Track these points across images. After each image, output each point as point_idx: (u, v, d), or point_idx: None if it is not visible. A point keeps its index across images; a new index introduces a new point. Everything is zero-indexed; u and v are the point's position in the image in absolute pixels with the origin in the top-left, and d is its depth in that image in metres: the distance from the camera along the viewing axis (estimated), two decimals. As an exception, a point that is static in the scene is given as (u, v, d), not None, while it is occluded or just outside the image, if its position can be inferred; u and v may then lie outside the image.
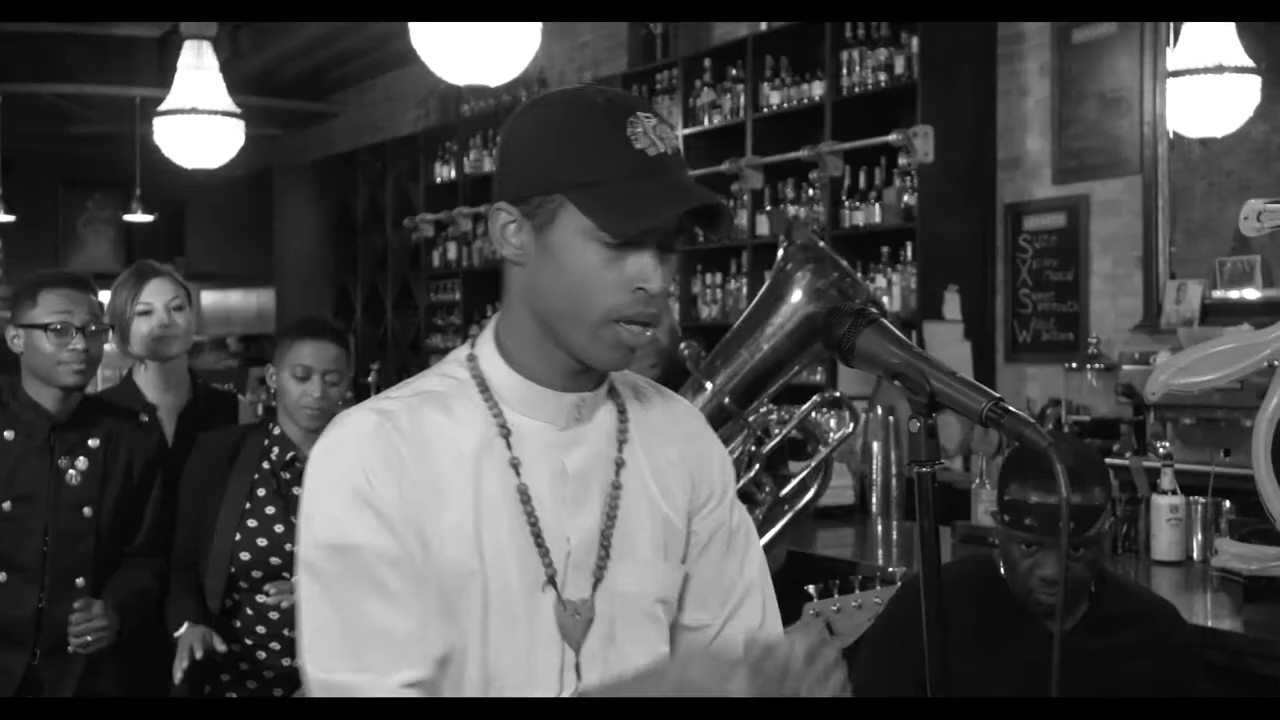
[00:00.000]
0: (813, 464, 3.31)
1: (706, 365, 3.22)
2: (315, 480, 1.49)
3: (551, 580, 1.51)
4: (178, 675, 2.89)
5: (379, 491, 1.45)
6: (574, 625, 1.52)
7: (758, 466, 3.19)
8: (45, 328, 3.01)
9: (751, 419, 3.19)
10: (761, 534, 3.25)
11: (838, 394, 3.43)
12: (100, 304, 3.14)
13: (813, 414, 3.37)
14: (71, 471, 3.06)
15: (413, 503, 1.46)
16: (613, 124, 1.44)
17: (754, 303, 3.26)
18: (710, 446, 1.69)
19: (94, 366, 3.07)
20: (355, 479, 1.46)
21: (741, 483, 3.20)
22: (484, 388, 1.54)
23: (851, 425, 3.47)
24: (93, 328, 3.06)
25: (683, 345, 3.26)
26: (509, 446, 1.51)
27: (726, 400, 3.16)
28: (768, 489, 3.20)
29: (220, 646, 2.91)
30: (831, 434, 3.42)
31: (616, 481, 1.57)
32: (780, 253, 3.22)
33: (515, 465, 1.51)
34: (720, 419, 3.22)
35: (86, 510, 3.06)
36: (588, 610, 1.53)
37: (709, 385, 3.19)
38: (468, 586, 1.47)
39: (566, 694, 1.50)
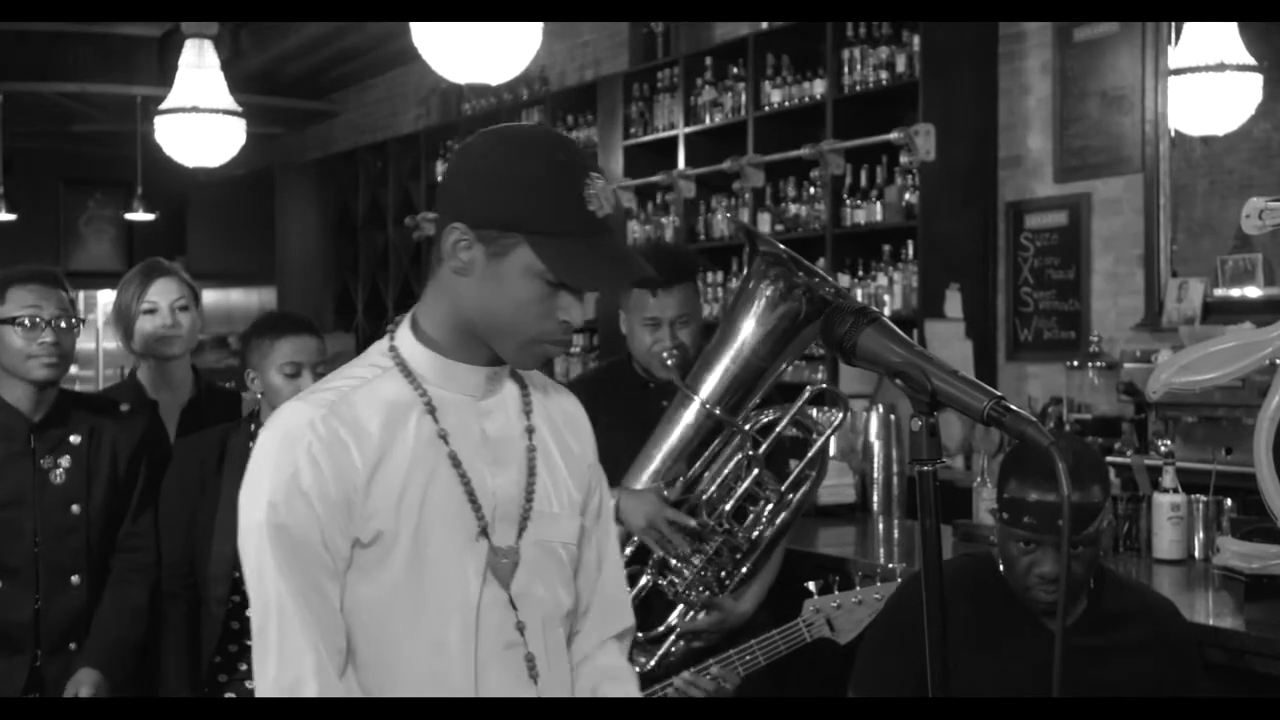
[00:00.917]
0: (809, 455, 3.32)
1: (692, 378, 3.23)
2: (260, 467, 1.70)
3: (484, 531, 1.75)
4: None
5: (317, 481, 1.66)
6: (503, 568, 1.76)
7: (757, 470, 3.21)
8: (14, 322, 2.99)
9: (746, 426, 3.21)
10: (770, 533, 3.26)
11: (823, 386, 3.45)
12: (71, 299, 3.11)
13: (808, 410, 3.38)
14: (56, 471, 3.04)
15: (353, 483, 1.68)
16: (571, 181, 1.69)
17: (728, 312, 3.29)
18: (586, 428, 1.94)
19: (66, 361, 3.05)
20: (297, 469, 1.66)
21: (744, 486, 3.21)
22: (407, 371, 1.76)
23: (840, 415, 3.48)
24: (63, 322, 3.04)
25: (665, 358, 3.27)
26: (435, 420, 1.74)
27: (717, 411, 3.18)
28: (770, 489, 3.21)
29: None
30: (826, 425, 3.43)
31: (530, 445, 1.82)
32: (748, 264, 3.25)
33: (444, 436, 1.74)
34: (714, 430, 3.24)
35: (75, 507, 3.04)
36: (514, 555, 1.77)
37: (696, 398, 3.20)
38: (401, 543, 1.69)
39: (501, 625, 1.74)
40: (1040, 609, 2.56)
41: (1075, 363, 5.67)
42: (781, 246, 3.20)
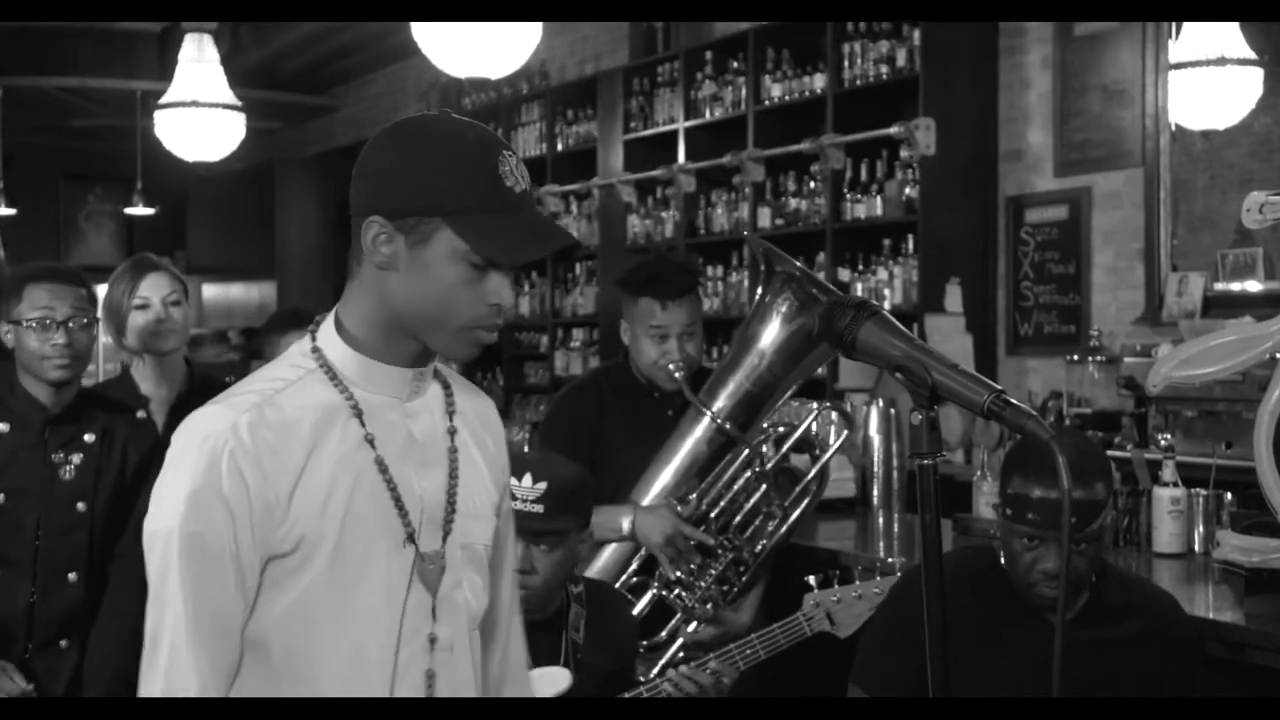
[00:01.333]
0: (812, 472, 3.35)
1: (705, 393, 3.25)
2: (174, 474, 1.63)
3: (410, 537, 1.70)
4: None
5: (236, 490, 1.61)
6: (431, 573, 1.72)
7: (765, 487, 3.23)
8: (28, 322, 2.99)
9: (755, 442, 3.23)
10: (772, 546, 3.28)
11: (829, 405, 3.48)
12: (89, 297, 3.11)
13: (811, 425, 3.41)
14: (66, 466, 3.04)
15: (275, 491, 1.62)
16: (484, 158, 1.65)
17: (742, 330, 3.31)
18: (500, 431, 1.91)
19: (81, 361, 3.05)
20: (213, 477, 1.60)
21: (752, 501, 3.23)
22: (331, 374, 1.71)
23: (846, 431, 3.51)
24: (81, 321, 3.04)
25: (673, 370, 3.28)
26: (362, 423, 1.69)
27: (728, 425, 3.20)
28: (775, 505, 3.24)
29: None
30: (829, 438, 3.46)
31: (453, 446, 1.77)
32: (761, 283, 3.27)
33: (370, 440, 1.69)
34: (724, 445, 3.26)
35: (80, 505, 3.04)
36: (440, 560, 1.73)
37: (708, 413, 3.22)
38: (323, 550, 1.64)
39: (418, 633, 1.70)
40: (1043, 604, 2.56)
41: (1075, 357, 5.67)
42: (798, 265, 3.21)
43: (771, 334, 3.24)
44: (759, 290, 3.34)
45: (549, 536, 2.63)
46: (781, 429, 3.34)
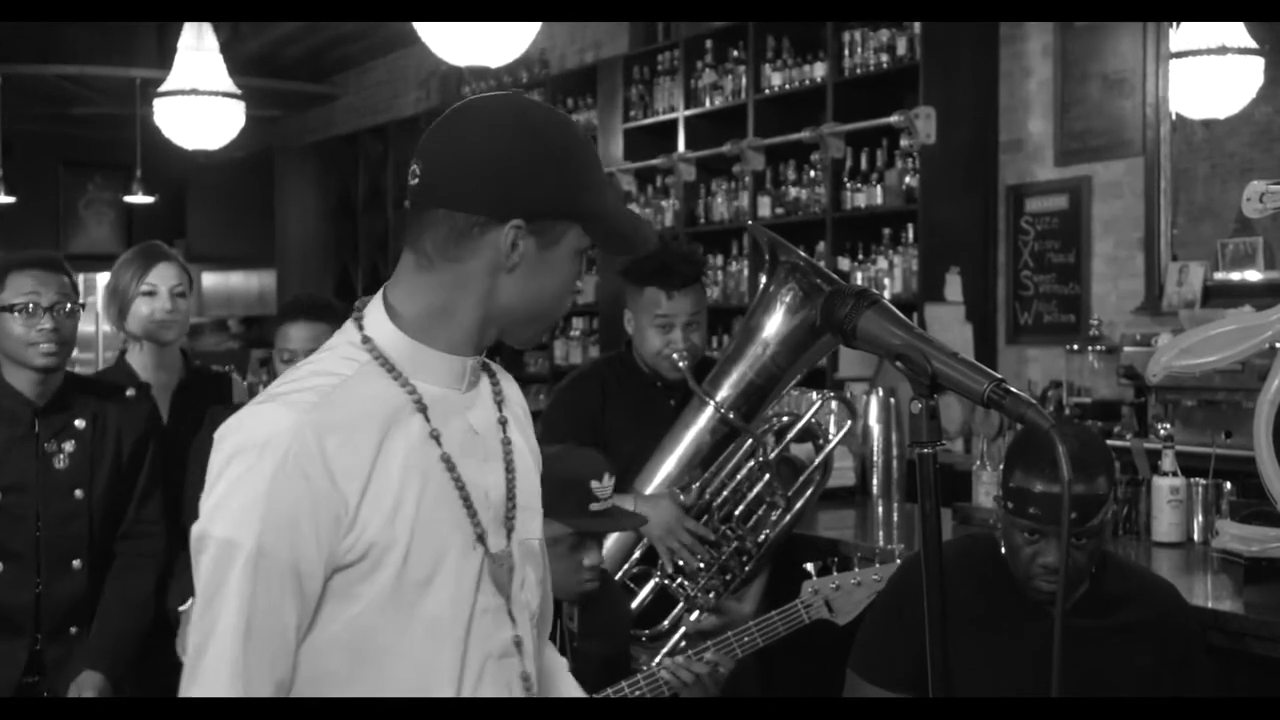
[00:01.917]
0: (816, 462, 3.35)
1: (708, 383, 3.26)
2: (234, 480, 1.51)
3: (480, 538, 1.62)
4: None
5: (303, 499, 1.50)
6: (501, 574, 1.64)
7: (768, 477, 3.23)
8: (13, 309, 2.98)
9: (758, 431, 3.23)
10: (775, 535, 3.29)
11: (831, 395, 3.48)
12: (73, 285, 3.10)
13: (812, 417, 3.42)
14: (59, 455, 3.03)
15: (342, 499, 1.52)
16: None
17: (746, 320, 3.32)
18: (530, 421, 1.84)
19: (67, 348, 3.04)
20: (277, 485, 1.49)
21: (755, 490, 3.24)
22: (388, 365, 1.60)
23: (849, 421, 3.52)
24: (65, 307, 3.02)
25: (677, 359, 3.28)
26: (427, 419, 1.59)
27: (731, 415, 3.20)
28: (779, 495, 3.25)
29: None
30: (831, 429, 3.46)
31: (506, 437, 1.70)
32: (765, 273, 3.27)
33: (435, 436, 1.59)
34: (727, 435, 3.26)
35: (78, 492, 3.04)
36: (508, 559, 1.65)
37: (711, 403, 3.22)
38: (388, 558, 1.54)
39: (493, 638, 1.62)
40: (1042, 598, 2.55)
41: (1075, 346, 5.67)
42: (802, 255, 3.21)
43: (775, 324, 3.24)
44: (763, 280, 3.34)
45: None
46: (785, 418, 3.34)
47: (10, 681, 2.96)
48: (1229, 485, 3.69)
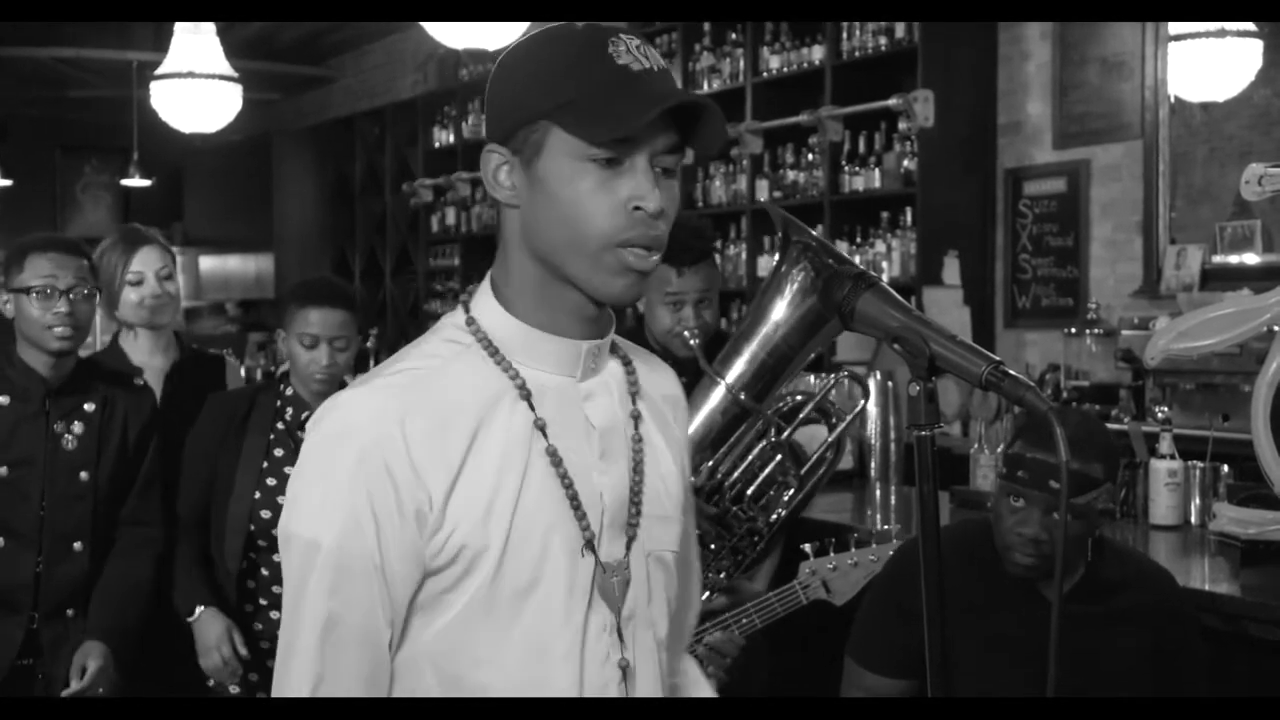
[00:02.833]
0: (828, 440, 3.35)
1: (719, 363, 3.25)
2: (319, 467, 1.42)
3: (590, 544, 1.45)
4: (213, 671, 3.00)
5: (385, 492, 1.38)
6: (613, 588, 1.47)
7: (780, 456, 3.23)
8: (30, 291, 2.99)
9: (770, 411, 3.23)
10: (786, 515, 3.29)
11: (844, 374, 3.47)
12: (90, 268, 3.10)
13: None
14: (68, 436, 3.04)
15: (428, 492, 1.39)
16: (592, 45, 1.41)
17: (758, 299, 3.31)
18: (685, 414, 1.67)
19: (83, 331, 3.04)
20: (360, 476, 1.38)
21: (767, 470, 3.24)
22: (492, 349, 1.46)
23: (863, 401, 3.51)
24: (82, 291, 3.03)
25: (689, 337, 3.28)
26: (531, 407, 1.44)
27: (742, 396, 3.20)
28: (791, 474, 3.25)
29: (242, 650, 3.02)
30: (839, 407, 3.45)
31: (636, 435, 1.52)
32: (778, 253, 3.27)
33: (541, 427, 1.44)
34: (738, 415, 3.26)
35: (83, 474, 3.05)
36: (624, 571, 1.48)
37: (723, 383, 3.22)
38: (482, 563, 1.40)
39: (607, 660, 1.47)
40: (1019, 572, 2.55)
41: (1073, 330, 5.67)
42: (814, 234, 3.21)
43: (787, 304, 3.22)
44: (775, 259, 3.33)
45: None
46: (798, 398, 3.34)
47: (5, 662, 2.96)
48: (1226, 468, 3.70)
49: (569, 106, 1.38)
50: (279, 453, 3.07)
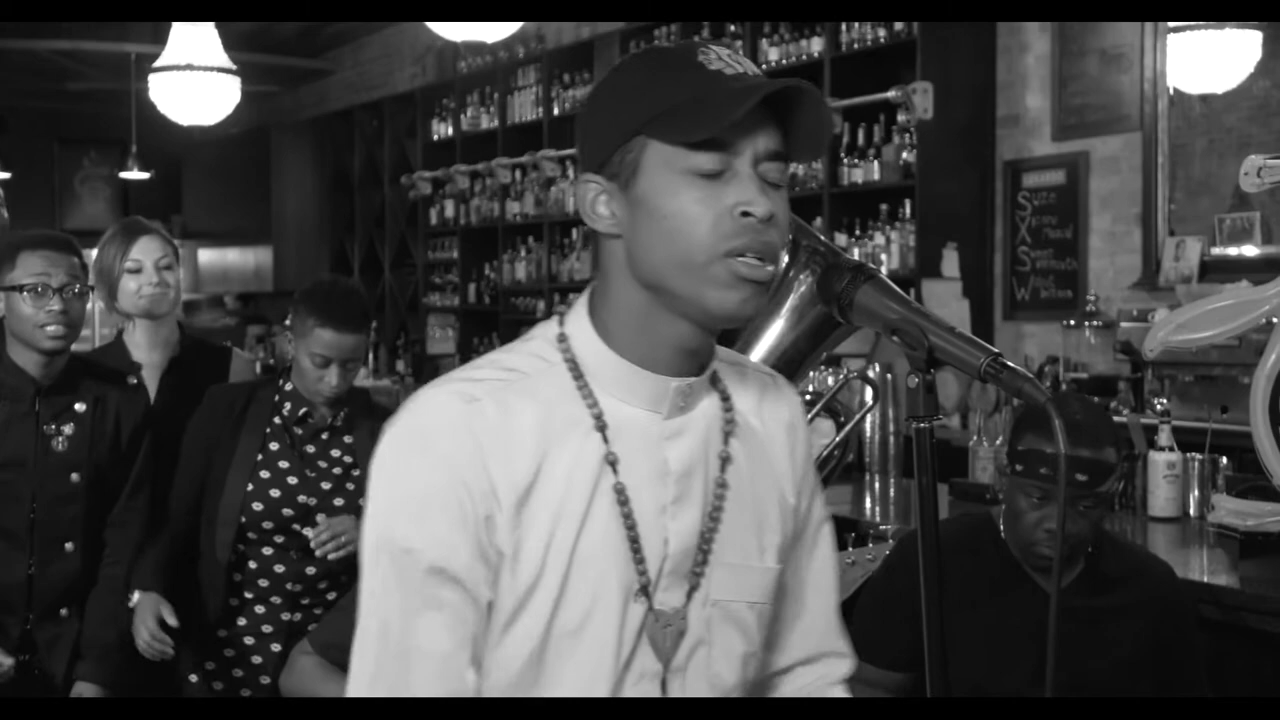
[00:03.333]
0: (836, 438, 3.35)
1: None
2: (394, 468, 1.37)
3: (645, 590, 1.39)
4: (144, 646, 2.96)
5: (458, 497, 1.34)
6: (665, 637, 1.40)
7: None
8: (22, 289, 2.95)
9: None
10: None
11: (855, 374, 3.47)
12: (83, 265, 3.07)
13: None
14: (59, 437, 3.01)
15: (494, 509, 1.34)
16: (682, 56, 1.36)
17: (767, 302, 3.29)
18: (804, 435, 1.57)
19: (75, 330, 3.01)
20: (434, 480, 1.34)
21: None
22: (577, 372, 1.40)
23: (873, 402, 3.51)
24: (75, 289, 3.00)
25: None
26: (605, 440, 1.38)
27: None
28: None
29: (170, 619, 2.97)
30: (846, 405, 3.45)
31: (721, 479, 1.44)
32: (787, 255, 3.25)
33: (612, 462, 1.38)
34: None
35: (74, 475, 3.02)
36: (680, 621, 1.41)
37: None
38: (540, 596, 1.36)
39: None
40: (1042, 565, 2.56)
41: (1072, 322, 5.67)
42: (823, 239, 3.20)
43: (796, 308, 3.22)
44: (785, 261, 3.32)
45: None
46: (807, 397, 3.34)
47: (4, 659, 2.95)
48: (1225, 460, 3.70)
49: (662, 116, 1.33)
50: (274, 447, 3.07)
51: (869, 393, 4.78)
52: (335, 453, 3.11)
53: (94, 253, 3.53)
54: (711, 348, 1.45)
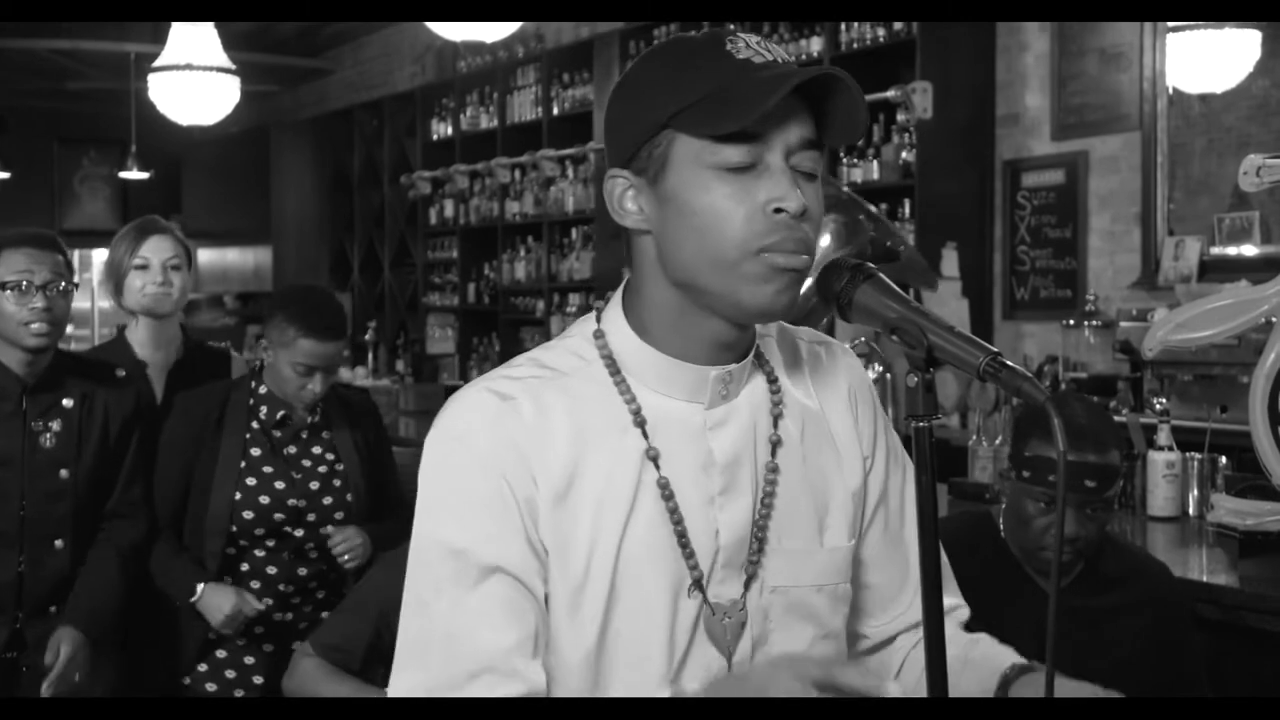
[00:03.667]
0: None
1: None
2: (436, 469, 1.36)
3: (698, 584, 1.36)
4: (229, 629, 2.98)
5: (501, 493, 1.32)
6: (724, 630, 1.37)
7: None
8: (5, 287, 2.95)
9: None
10: None
11: (850, 345, 3.45)
12: (66, 263, 3.06)
13: None
14: (46, 435, 3.00)
15: (535, 505, 1.33)
16: (709, 45, 1.32)
17: None
18: (868, 398, 1.54)
19: (59, 327, 3.01)
20: (476, 477, 1.33)
21: None
22: (614, 368, 1.38)
23: (874, 373, 3.49)
24: (58, 287, 2.99)
25: None
26: (645, 435, 1.36)
27: None
28: None
29: (257, 605, 2.99)
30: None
31: (772, 464, 1.41)
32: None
33: (653, 457, 1.35)
34: None
35: (63, 472, 3.02)
36: (739, 613, 1.38)
37: None
38: (587, 598, 1.34)
39: None
40: (1048, 569, 2.55)
41: (1071, 321, 5.67)
42: (845, 188, 3.15)
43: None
44: None
45: None
46: None
47: None
48: (1224, 459, 3.70)
49: (690, 109, 1.29)
50: (256, 451, 3.06)
51: (893, 381, 4.79)
52: (317, 450, 3.11)
53: (89, 253, 3.53)
54: (751, 337, 1.42)
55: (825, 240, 3.13)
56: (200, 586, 3.00)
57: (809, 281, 1.40)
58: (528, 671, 1.32)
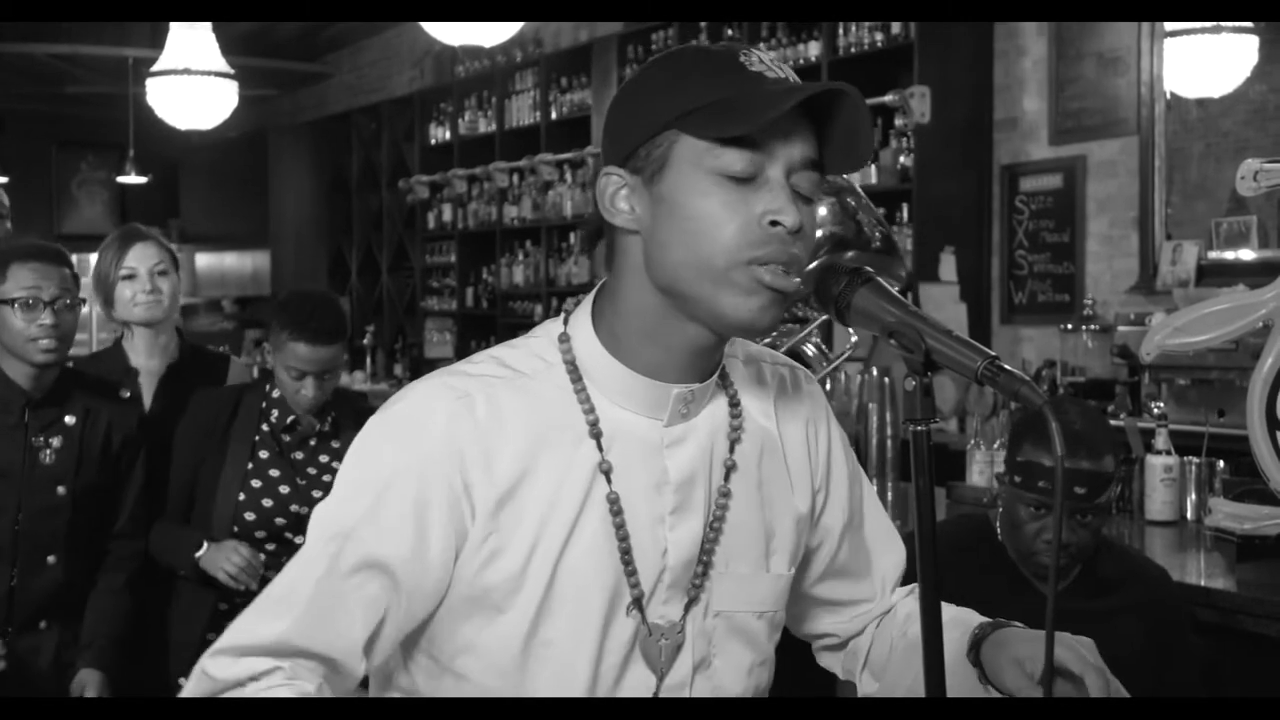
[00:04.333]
0: (818, 376, 3.32)
1: None
2: (366, 449, 1.36)
3: (638, 602, 1.35)
4: (237, 574, 2.95)
5: (420, 489, 1.30)
6: (659, 651, 1.36)
7: None
8: (13, 303, 2.93)
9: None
10: None
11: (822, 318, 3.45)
12: (74, 277, 3.05)
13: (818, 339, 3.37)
14: (46, 450, 2.98)
15: (474, 504, 1.31)
16: (724, 56, 1.31)
17: None
18: (827, 425, 1.53)
19: (67, 343, 2.99)
20: (399, 469, 1.31)
21: None
22: (576, 375, 1.36)
23: (853, 340, 3.47)
24: (65, 301, 2.98)
25: None
26: (600, 448, 1.34)
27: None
28: None
29: (256, 556, 2.99)
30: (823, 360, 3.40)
31: (725, 488, 1.40)
32: None
33: (606, 471, 1.34)
34: None
35: (60, 488, 3.00)
36: (676, 635, 1.37)
37: None
38: (518, 602, 1.32)
39: None
40: (1043, 573, 2.56)
41: (1069, 325, 5.68)
42: (844, 176, 3.15)
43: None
44: None
45: None
46: (791, 340, 3.28)
47: None
48: (1222, 464, 3.70)
49: (697, 112, 1.28)
50: (264, 455, 3.06)
51: (891, 385, 4.79)
52: (324, 458, 3.10)
53: (87, 258, 3.51)
54: (719, 358, 1.41)
55: (822, 211, 3.13)
56: (205, 544, 2.99)
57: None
58: (356, 670, 1.32)
